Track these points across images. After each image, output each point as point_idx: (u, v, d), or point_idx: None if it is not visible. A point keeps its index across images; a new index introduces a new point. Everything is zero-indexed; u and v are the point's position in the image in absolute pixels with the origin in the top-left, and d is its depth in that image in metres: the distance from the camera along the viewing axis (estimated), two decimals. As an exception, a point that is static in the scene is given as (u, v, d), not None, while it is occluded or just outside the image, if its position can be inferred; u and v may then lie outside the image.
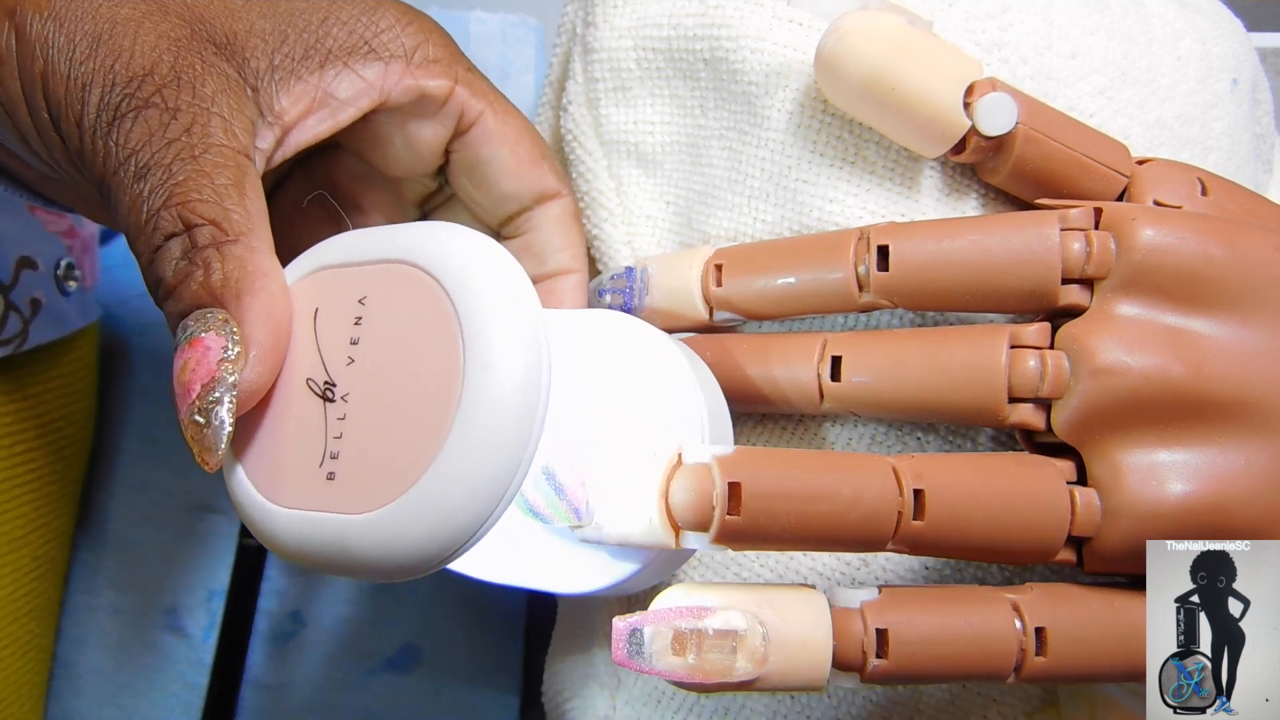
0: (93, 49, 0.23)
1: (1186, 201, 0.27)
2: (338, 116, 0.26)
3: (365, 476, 0.22)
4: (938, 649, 0.23)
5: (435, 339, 0.21)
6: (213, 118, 0.23)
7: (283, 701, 0.44)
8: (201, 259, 0.22)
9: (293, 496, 0.22)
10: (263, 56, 0.25)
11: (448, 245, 0.22)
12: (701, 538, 0.23)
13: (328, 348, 0.23)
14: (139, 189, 0.23)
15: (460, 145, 0.29)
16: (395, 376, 0.22)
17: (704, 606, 0.23)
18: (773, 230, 0.30)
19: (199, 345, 0.21)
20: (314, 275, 0.24)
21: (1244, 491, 0.24)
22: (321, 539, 0.22)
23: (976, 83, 0.27)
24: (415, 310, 0.22)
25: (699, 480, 0.22)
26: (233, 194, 0.23)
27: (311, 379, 0.23)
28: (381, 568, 0.21)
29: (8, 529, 0.40)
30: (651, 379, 0.26)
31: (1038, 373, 0.25)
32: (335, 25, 0.26)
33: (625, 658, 0.23)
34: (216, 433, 0.21)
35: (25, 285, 0.37)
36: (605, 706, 0.32)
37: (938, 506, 0.23)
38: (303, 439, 0.23)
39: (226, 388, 0.21)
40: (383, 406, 0.22)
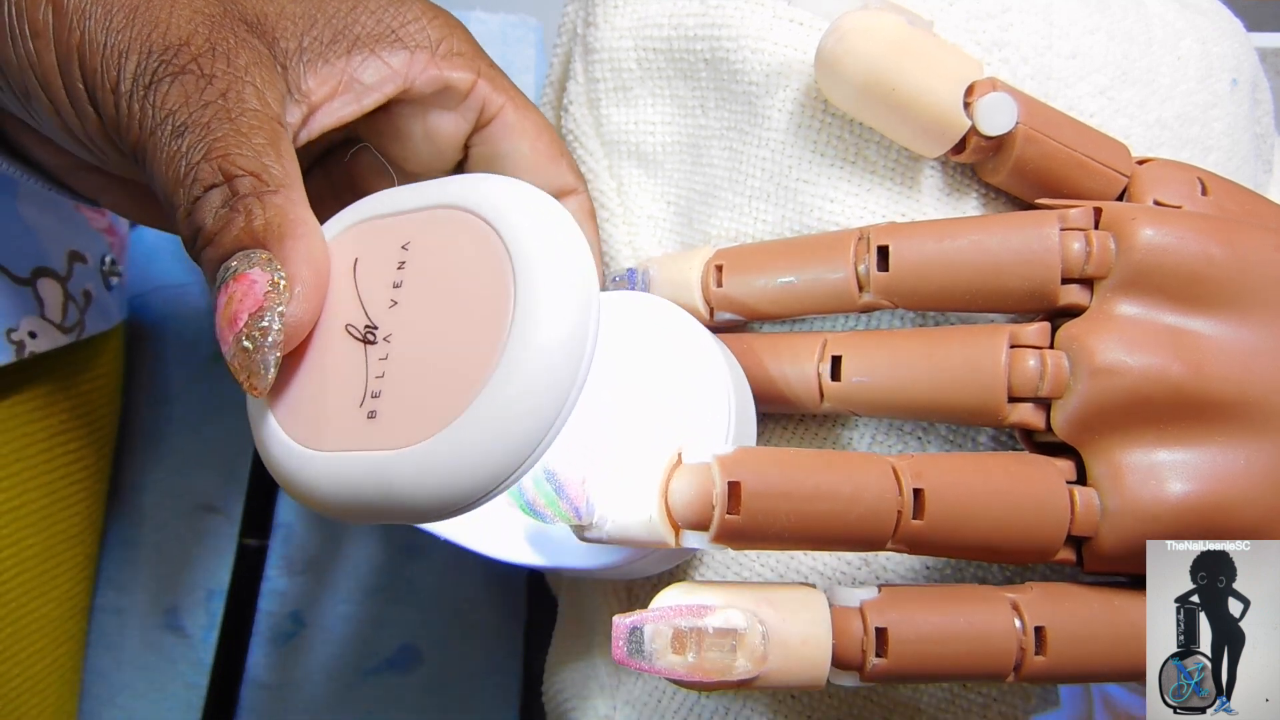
0: (129, 19, 0.24)
1: (1186, 201, 0.27)
2: (362, 101, 0.27)
3: (408, 412, 0.21)
4: (937, 648, 0.23)
5: (485, 280, 0.21)
6: (246, 85, 0.24)
7: (283, 701, 0.44)
8: (243, 205, 0.22)
9: (331, 439, 0.22)
10: (292, 38, 0.26)
11: (503, 193, 0.22)
12: (701, 537, 0.23)
13: (368, 293, 0.23)
14: (176, 145, 0.23)
15: (480, 139, 0.30)
16: (441, 315, 0.22)
17: (704, 605, 0.23)
18: (773, 230, 0.30)
19: (244, 279, 0.22)
20: (353, 229, 0.24)
21: (1244, 491, 0.24)
22: (363, 478, 0.22)
23: (977, 83, 0.27)
24: (464, 251, 0.22)
25: (699, 479, 0.22)
26: (270, 152, 0.23)
27: (351, 324, 0.23)
28: (424, 502, 0.21)
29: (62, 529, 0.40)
30: (687, 375, 0.27)
31: (1037, 372, 0.25)
32: (364, 14, 0.27)
33: (625, 656, 0.23)
34: (265, 356, 0.22)
35: (78, 277, 0.39)
36: (605, 707, 0.32)
37: (937, 506, 0.23)
38: (342, 382, 0.23)
39: (274, 315, 0.22)
40: (427, 344, 0.22)
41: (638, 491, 0.23)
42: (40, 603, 0.39)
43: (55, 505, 0.40)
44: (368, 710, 0.44)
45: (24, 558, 0.38)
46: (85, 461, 0.41)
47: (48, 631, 0.40)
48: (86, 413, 0.41)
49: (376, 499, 0.22)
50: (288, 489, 0.23)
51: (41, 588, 0.39)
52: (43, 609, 0.39)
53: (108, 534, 0.45)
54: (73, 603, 0.41)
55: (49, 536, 0.40)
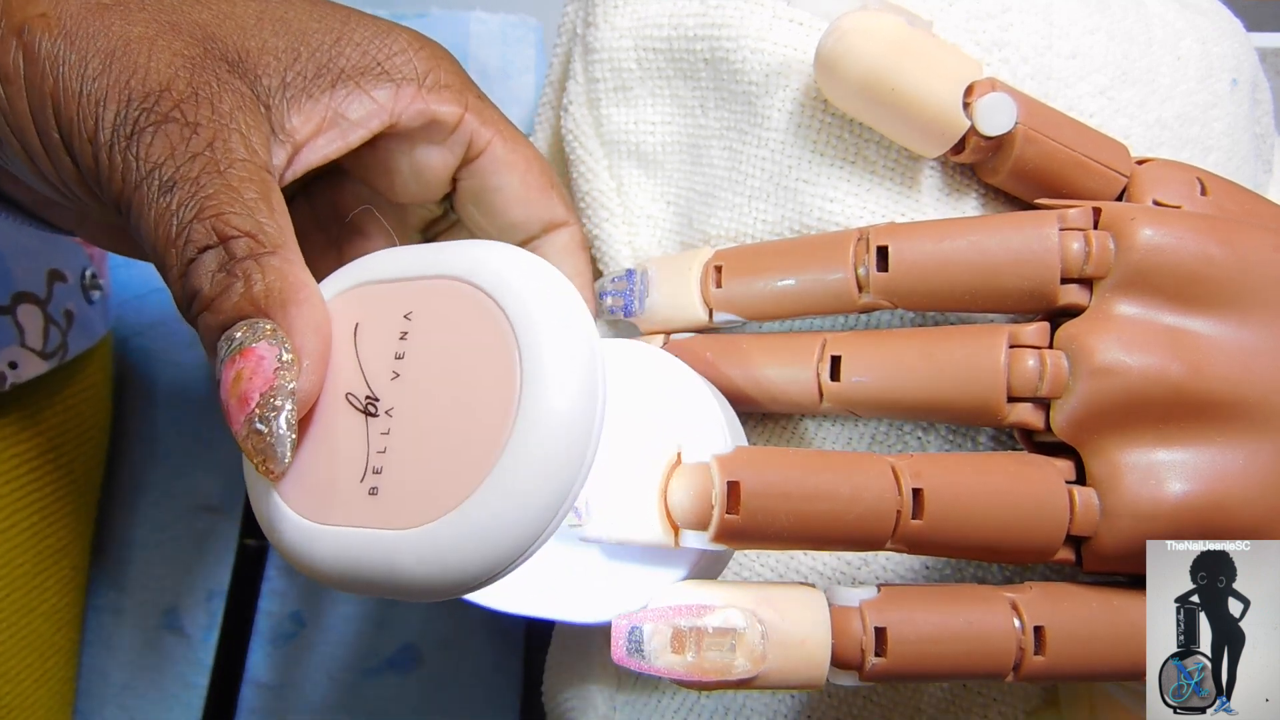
0: (105, 66, 0.23)
1: (1186, 201, 0.27)
2: (348, 137, 0.26)
3: (412, 491, 0.21)
4: (936, 647, 0.23)
5: (490, 355, 0.21)
6: (232, 133, 0.23)
7: (283, 702, 0.44)
8: (241, 270, 0.22)
9: (333, 514, 0.22)
10: (275, 74, 0.25)
11: (502, 263, 0.22)
12: (701, 536, 0.23)
13: (369, 362, 0.23)
14: (166, 202, 0.22)
15: (468, 173, 0.29)
16: (445, 391, 0.21)
17: (703, 604, 0.23)
18: (773, 230, 0.30)
19: (252, 355, 0.21)
20: (353, 291, 0.24)
21: (1243, 491, 0.24)
22: (366, 556, 0.21)
23: (976, 83, 0.27)
24: (468, 326, 0.22)
25: (698, 479, 0.23)
26: (262, 207, 0.23)
27: (351, 394, 0.22)
28: (430, 585, 0.21)
29: (51, 543, 0.40)
30: (674, 395, 0.26)
31: (1037, 372, 0.25)
32: (348, 46, 0.26)
33: (624, 655, 0.23)
34: (282, 440, 0.21)
35: (58, 298, 0.38)
36: (605, 707, 0.32)
37: (937, 506, 0.23)
38: (343, 455, 0.22)
39: (286, 395, 0.21)
40: (431, 421, 0.21)
41: (637, 492, 0.23)
42: (30, 619, 0.39)
43: (44, 521, 0.39)
44: (368, 710, 0.44)
45: (14, 577, 0.38)
46: (75, 474, 0.41)
47: (37, 646, 0.40)
48: (76, 425, 0.41)
49: (380, 579, 0.21)
50: (290, 561, 0.23)
51: (31, 604, 0.39)
52: (32, 624, 0.39)
53: (108, 534, 0.45)
54: (61, 615, 0.41)
55: (38, 553, 0.39)
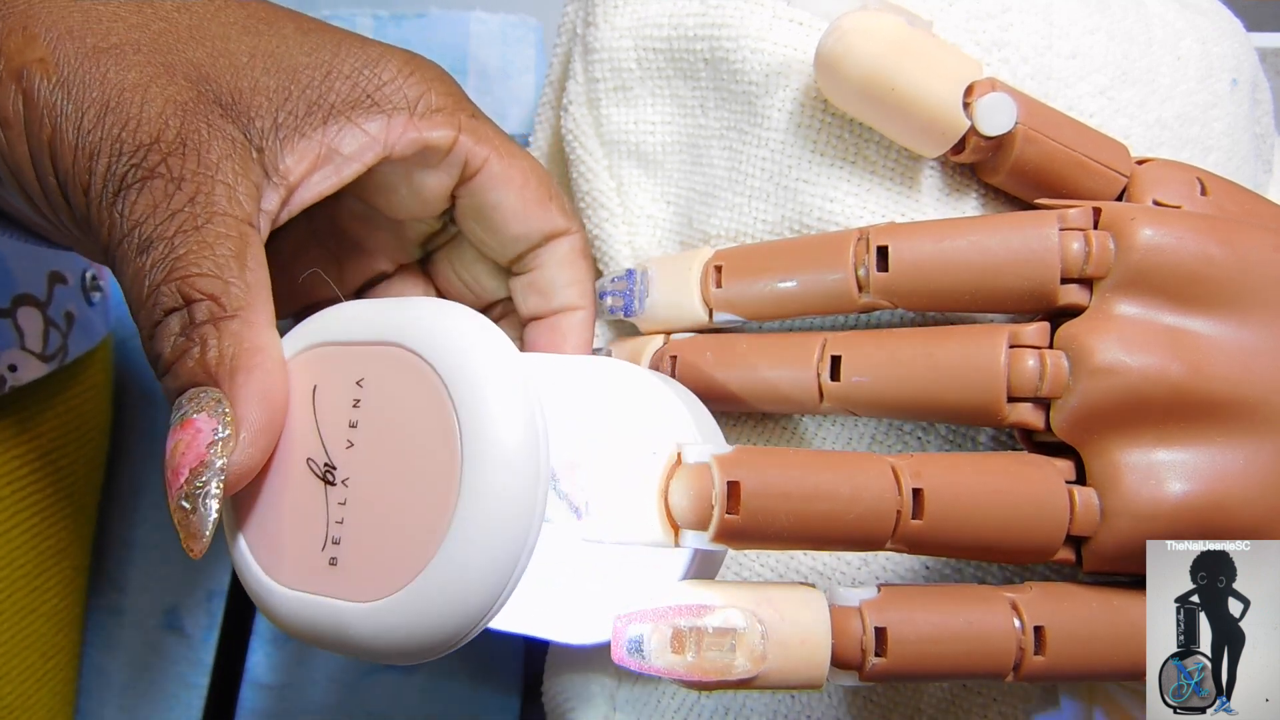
0: (100, 117, 0.23)
1: (1186, 201, 0.27)
2: (342, 173, 0.27)
3: (368, 564, 0.22)
4: (936, 647, 0.23)
5: (432, 425, 0.22)
6: (217, 185, 0.23)
7: (283, 701, 0.44)
8: (199, 335, 0.22)
9: (295, 577, 0.23)
10: (267, 115, 0.25)
11: (435, 326, 0.23)
12: (701, 536, 0.23)
13: (327, 428, 0.23)
14: (142, 262, 0.23)
15: (466, 191, 0.29)
16: (395, 462, 0.22)
17: (703, 604, 0.23)
18: (773, 230, 0.30)
19: (190, 427, 0.21)
20: (312, 351, 0.24)
21: (1243, 491, 0.24)
22: (323, 623, 0.22)
23: (976, 83, 0.27)
24: (411, 395, 0.22)
25: (698, 479, 0.22)
26: (233, 266, 0.23)
27: (312, 459, 0.23)
28: (386, 654, 0.22)
29: (51, 544, 0.40)
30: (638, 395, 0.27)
31: (1037, 372, 0.25)
32: (338, 79, 0.26)
33: (624, 656, 0.23)
34: (202, 520, 0.21)
35: (59, 300, 0.38)
36: (605, 707, 0.32)
37: (937, 506, 0.23)
38: (304, 520, 0.23)
39: (214, 472, 0.21)
40: (383, 493, 0.22)
41: (636, 493, 0.23)
42: (31, 620, 0.39)
43: (45, 523, 0.40)
44: (368, 710, 0.44)
45: (14, 578, 0.38)
46: (75, 475, 0.41)
47: (38, 647, 0.40)
48: (76, 426, 0.41)
49: (337, 644, 0.22)
50: (261, 612, 0.24)
51: (32, 604, 0.39)
52: (33, 625, 0.39)
53: (108, 534, 0.45)
54: (61, 616, 0.41)
55: (39, 554, 0.39)
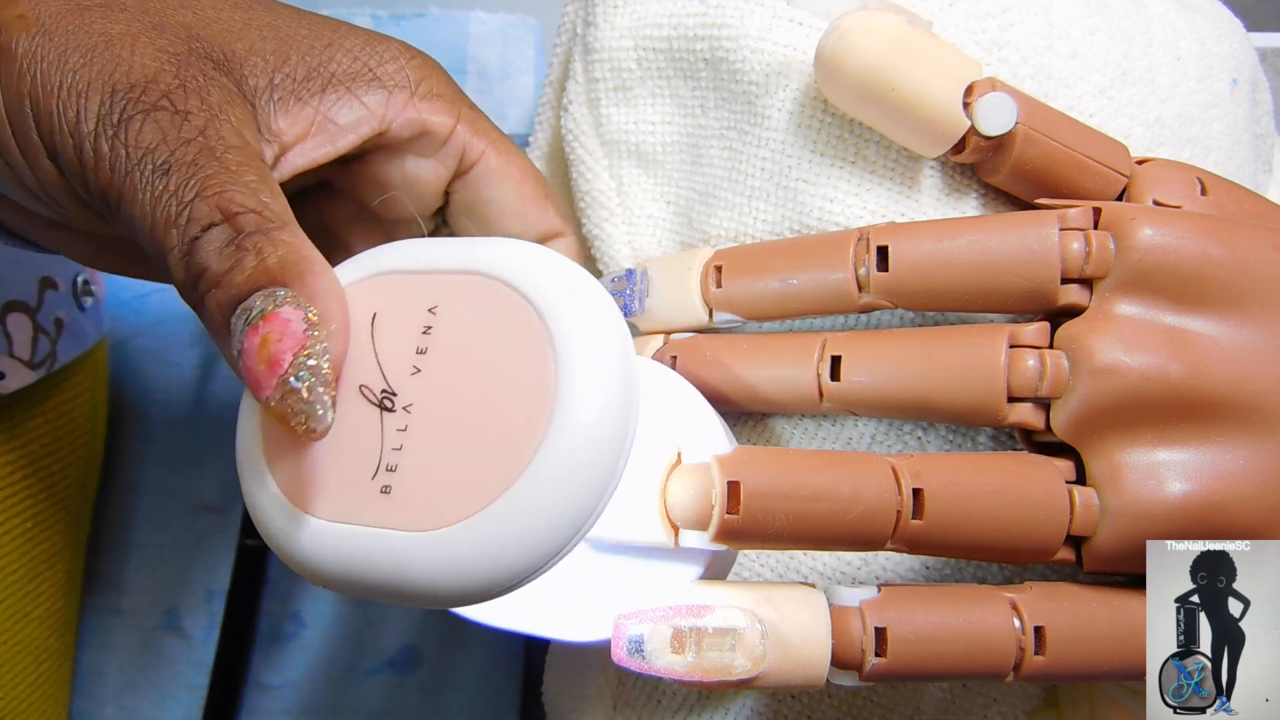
0: (87, 60, 0.22)
1: (1186, 201, 0.27)
2: (337, 143, 0.26)
3: (429, 493, 0.20)
4: (936, 647, 0.23)
5: (522, 359, 0.20)
6: (224, 123, 0.23)
7: (283, 702, 0.44)
8: (252, 244, 0.21)
9: (335, 508, 0.21)
10: (262, 75, 0.24)
11: (540, 266, 0.22)
12: (700, 536, 0.23)
13: (387, 355, 0.22)
14: (162, 184, 0.21)
15: (462, 185, 0.29)
16: (472, 391, 0.21)
17: (703, 605, 0.23)
18: (773, 230, 0.30)
19: (277, 319, 0.20)
20: (371, 280, 0.23)
21: (1243, 491, 0.24)
22: (373, 557, 0.20)
23: (976, 82, 0.27)
24: (500, 327, 0.21)
25: (698, 479, 0.23)
26: (264, 188, 0.22)
27: (366, 386, 0.22)
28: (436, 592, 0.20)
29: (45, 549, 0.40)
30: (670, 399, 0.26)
31: (1037, 372, 0.25)
32: (340, 52, 0.26)
33: (624, 656, 0.23)
34: (321, 396, 0.20)
35: (49, 306, 0.38)
36: (605, 707, 0.32)
37: (937, 506, 0.23)
38: (353, 449, 0.21)
39: (318, 352, 0.20)
40: (454, 421, 0.21)
41: (637, 492, 0.23)
42: (24, 624, 0.39)
43: (38, 527, 0.39)
44: (368, 710, 0.44)
45: (7, 583, 0.38)
46: (69, 479, 0.41)
47: (31, 652, 0.39)
48: (69, 431, 0.41)
49: (385, 582, 0.21)
50: (285, 558, 0.22)
51: (25, 609, 0.39)
52: (26, 630, 0.39)
53: (107, 535, 0.45)
54: (55, 619, 0.41)
55: (32, 559, 0.39)
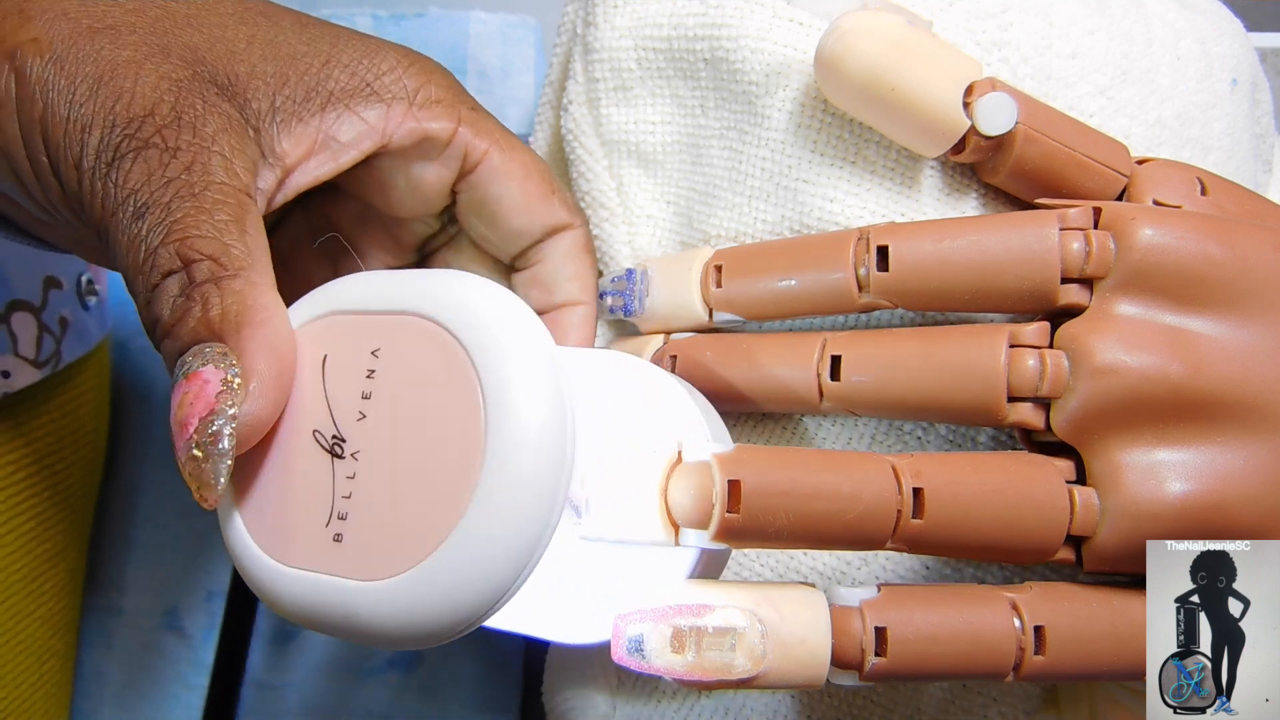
0: (93, 91, 0.23)
1: (1186, 201, 0.27)
2: (339, 159, 0.26)
3: (377, 541, 0.21)
4: (936, 647, 0.23)
5: (455, 399, 0.21)
6: (213, 156, 0.23)
7: (283, 702, 0.44)
8: (199, 294, 0.22)
9: (296, 555, 0.22)
10: (264, 98, 0.25)
11: (463, 297, 0.22)
12: (701, 535, 0.23)
13: (337, 399, 0.22)
14: (137, 228, 0.22)
15: (467, 185, 0.29)
16: (411, 436, 0.21)
17: (703, 604, 0.23)
18: (773, 230, 0.30)
19: (196, 379, 0.21)
20: (323, 320, 0.23)
21: (1244, 491, 0.24)
22: (326, 603, 0.21)
23: (976, 82, 0.27)
24: (432, 367, 0.21)
25: (699, 478, 0.22)
26: (232, 230, 0.22)
27: (319, 431, 0.22)
28: (389, 638, 0.21)
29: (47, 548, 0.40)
30: (648, 393, 0.26)
31: (1037, 372, 0.25)
32: (337, 68, 0.26)
33: (624, 655, 0.23)
34: (215, 466, 0.20)
35: (54, 305, 0.38)
36: (605, 706, 0.32)
37: (937, 505, 0.23)
38: (308, 495, 0.22)
39: (226, 419, 0.20)
40: (397, 468, 0.21)
41: (637, 491, 0.23)
42: (26, 623, 0.39)
43: (40, 527, 0.39)
44: (368, 710, 0.44)
45: (10, 582, 0.38)
46: (71, 478, 0.41)
47: (33, 651, 0.39)
48: (71, 430, 0.41)
49: (341, 626, 0.21)
50: (258, 595, 0.23)
51: (27, 608, 0.39)
52: (28, 629, 0.39)
53: (108, 534, 0.45)
54: (57, 619, 0.41)
55: (34, 558, 0.39)
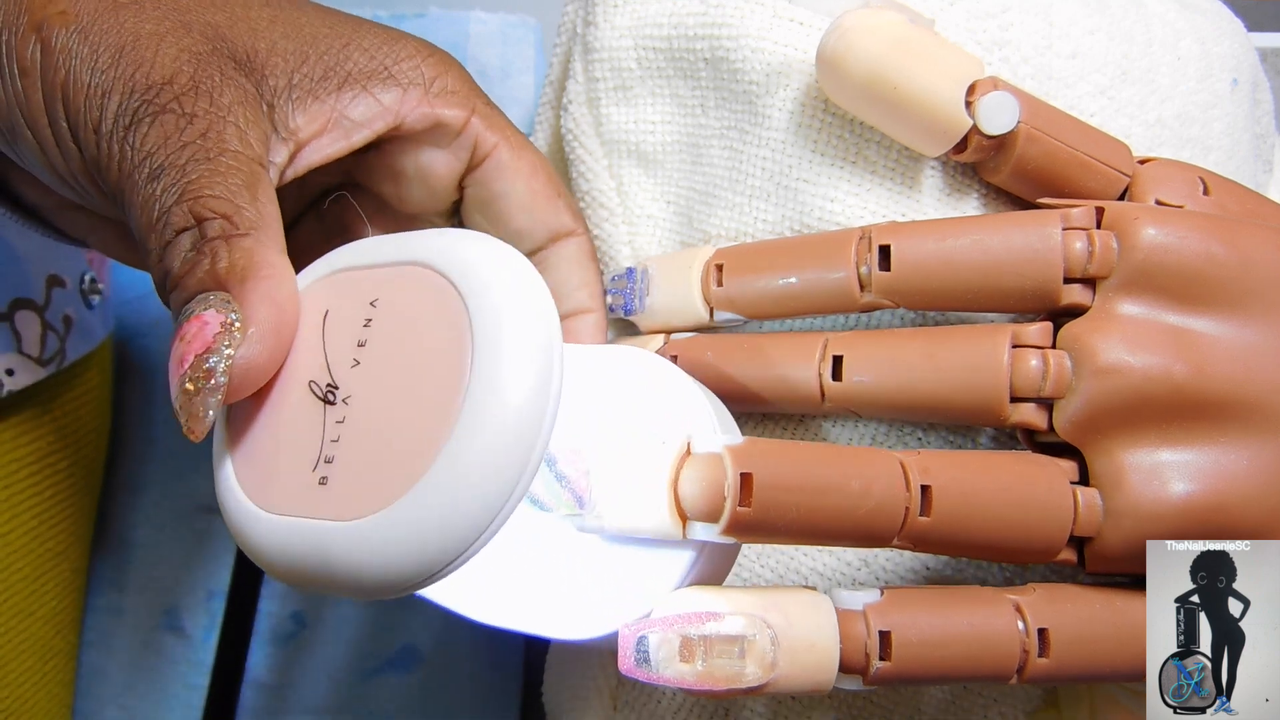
0: (115, 59, 0.24)
1: (1188, 201, 0.27)
2: (351, 138, 0.26)
3: (358, 482, 0.20)
4: (940, 650, 0.23)
5: (445, 342, 0.20)
6: (228, 125, 0.24)
7: (283, 702, 0.44)
8: (209, 249, 0.22)
9: (281, 502, 0.21)
10: (282, 75, 0.25)
11: (464, 248, 0.22)
12: (710, 528, 0.22)
13: (334, 349, 0.22)
14: (152, 188, 0.23)
15: (474, 179, 0.29)
16: (398, 379, 0.21)
17: (710, 611, 0.22)
18: (774, 230, 0.30)
19: (197, 320, 0.21)
20: (327, 279, 0.24)
21: (1245, 491, 0.24)
22: (304, 547, 0.21)
23: (978, 82, 0.27)
24: (427, 312, 0.21)
25: (710, 470, 0.22)
26: (244, 194, 0.23)
27: (314, 381, 0.22)
28: (363, 580, 0.20)
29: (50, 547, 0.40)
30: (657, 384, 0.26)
31: (1040, 372, 0.25)
32: (357, 51, 0.27)
33: (632, 666, 0.22)
34: (206, 400, 0.21)
35: (57, 304, 0.38)
36: (605, 707, 0.32)
37: (944, 503, 0.23)
38: (298, 443, 0.22)
39: (222, 357, 0.21)
40: (382, 410, 0.21)
41: (644, 482, 0.23)
42: (29, 622, 0.39)
43: (43, 525, 0.39)
44: (368, 710, 0.44)
45: (12, 581, 0.38)
46: (74, 478, 0.41)
47: (35, 650, 0.39)
48: (75, 429, 0.41)
49: (316, 572, 0.21)
50: (240, 546, 0.22)
51: (29, 608, 0.39)
52: (30, 628, 0.39)
53: (108, 535, 0.45)
54: (60, 618, 0.41)
55: (37, 557, 0.39)
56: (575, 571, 0.26)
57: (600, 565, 0.26)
